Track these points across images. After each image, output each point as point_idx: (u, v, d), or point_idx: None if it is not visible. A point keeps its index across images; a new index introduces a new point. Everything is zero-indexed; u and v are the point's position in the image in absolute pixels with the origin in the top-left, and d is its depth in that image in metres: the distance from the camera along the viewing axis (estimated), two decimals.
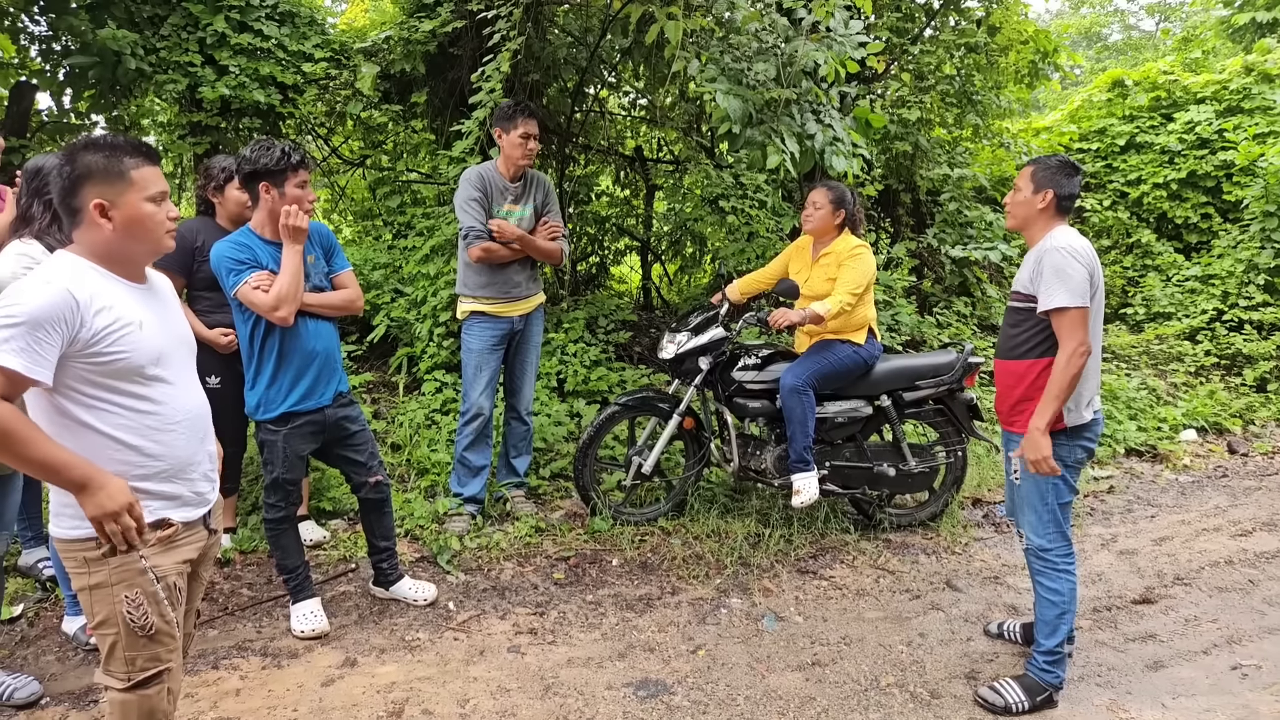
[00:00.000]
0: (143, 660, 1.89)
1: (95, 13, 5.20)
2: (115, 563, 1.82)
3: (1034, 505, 2.84)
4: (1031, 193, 2.80)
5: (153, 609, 1.87)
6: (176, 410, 1.93)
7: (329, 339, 3.09)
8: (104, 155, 1.82)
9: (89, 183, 1.80)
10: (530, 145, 3.91)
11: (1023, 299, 2.80)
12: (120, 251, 1.87)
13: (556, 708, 2.77)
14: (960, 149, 7.70)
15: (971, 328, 7.11)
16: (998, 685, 2.88)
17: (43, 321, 1.68)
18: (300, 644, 3.09)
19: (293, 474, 3.05)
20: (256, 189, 2.89)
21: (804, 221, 4.02)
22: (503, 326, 4.03)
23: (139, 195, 1.84)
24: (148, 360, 1.85)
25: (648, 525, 4.16)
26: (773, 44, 4.30)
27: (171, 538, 1.91)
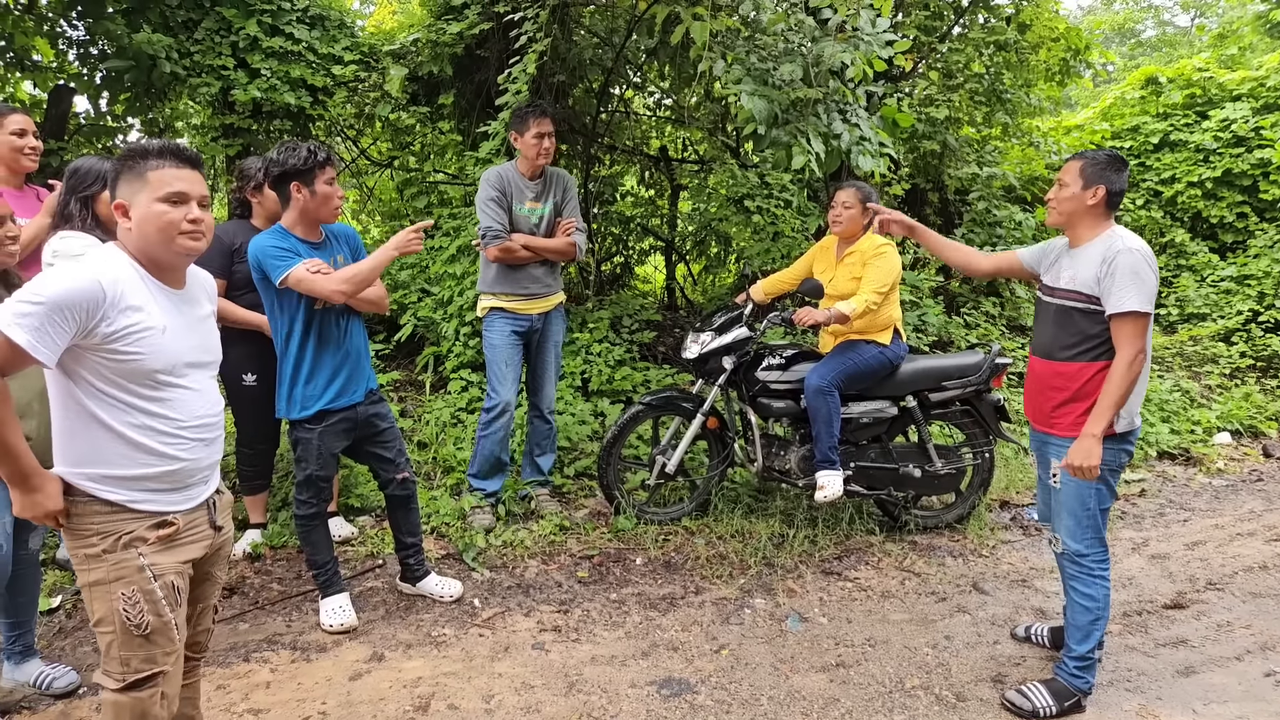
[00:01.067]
0: (138, 661, 1.87)
1: (131, 17, 5.32)
2: (113, 559, 1.83)
3: (1073, 510, 2.78)
4: (1081, 188, 2.69)
5: (149, 608, 1.85)
6: (189, 416, 1.91)
7: (360, 337, 3.15)
8: (136, 158, 1.87)
9: (118, 183, 1.87)
10: (545, 144, 3.94)
11: (1083, 299, 2.68)
12: (147, 251, 1.88)
13: (580, 705, 2.79)
14: (989, 148, 7.62)
15: (1000, 328, 7.03)
16: (1025, 689, 2.85)
17: (64, 305, 1.70)
18: (329, 638, 3.14)
19: (326, 471, 3.10)
20: (287, 190, 2.94)
21: (832, 223, 4.00)
22: (522, 324, 4.06)
23: (150, 195, 1.85)
24: (163, 366, 1.85)
25: (671, 524, 4.17)
26: (799, 44, 4.28)
27: (172, 537, 1.90)
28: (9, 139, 3.03)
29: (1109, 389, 2.60)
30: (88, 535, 1.83)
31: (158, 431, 1.86)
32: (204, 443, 1.96)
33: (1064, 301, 2.76)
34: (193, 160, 1.91)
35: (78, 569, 1.86)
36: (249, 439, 3.67)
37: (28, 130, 3.14)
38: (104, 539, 1.83)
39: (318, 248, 3.02)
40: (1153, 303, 2.57)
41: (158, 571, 1.86)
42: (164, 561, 1.88)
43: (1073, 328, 2.72)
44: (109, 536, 1.83)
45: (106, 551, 1.82)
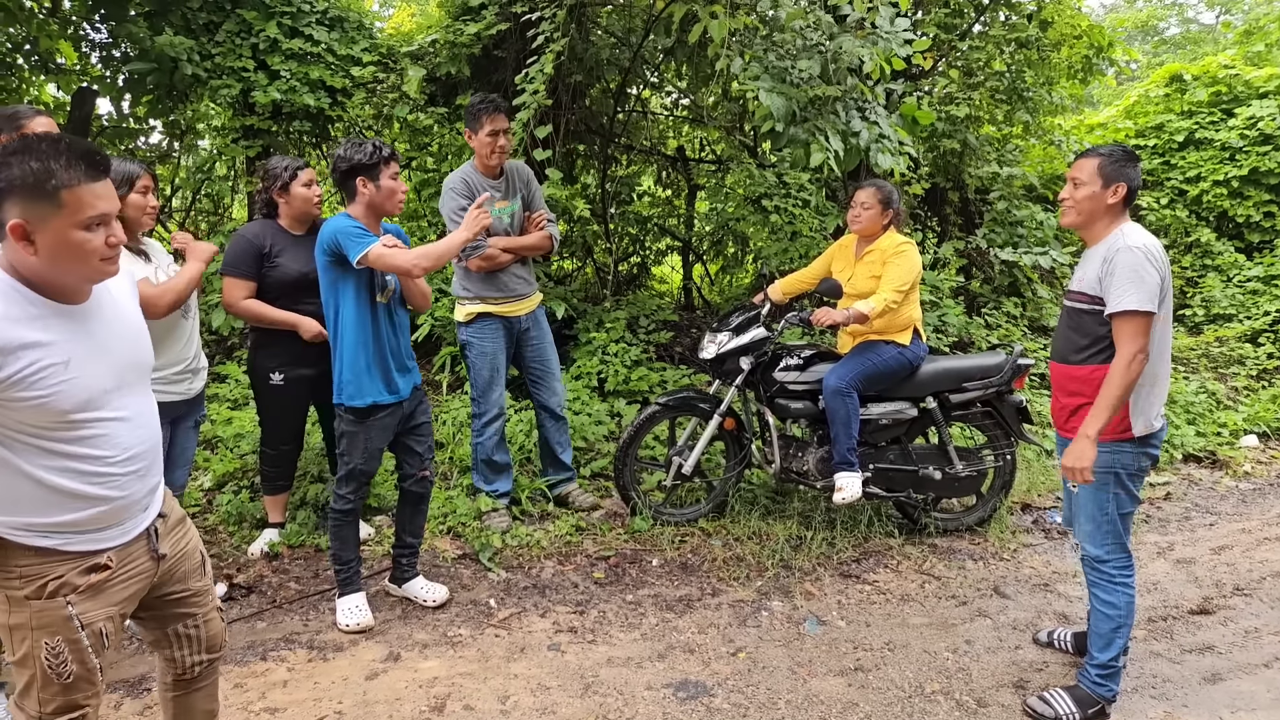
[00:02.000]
0: (56, 705, 1.73)
1: (153, 20, 5.36)
2: (37, 606, 1.66)
3: (1092, 515, 2.73)
4: (1101, 187, 2.61)
5: (74, 657, 1.71)
6: (117, 451, 1.72)
7: (408, 334, 3.21)
8: (35, 167, 1.53)
9: (11, 199, 1.54)
10: (500, 142, 3.83)
11: (1087, 300, 2.64)
12: (49, 278, 1.62)
13: (596, 706, 2.77)
14: (1010, 146, 7.54)
15: (1022, 329, 6.95)
16: (1048, 695, 2.81)
17: None
18: (345, 637, 3.14)
19: (369, 465, 3.12)
20: (353, 184, 2.98)
21: (851, 222, 3.96)
22: (509, 326, 4.03)
23: (68, 220, 1.56)
24: (74, 404, 1.63)
25: (688, 526, 4.15)
26: (817, 41, 4.25)
27: (105, 580, 1.74)
28: None
29: (1105, 389, 2.54)
30: (10, 577, 1.66)
31: (82, 474, 1.67)
32: (138, 474, 1.77)
33: (1074, 303, 2.72)
34: (106, 166, 1.62)
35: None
36: (273, 439, 3.69)
37: (51, 133, 3.16)
38: (28, 583, 1.66)
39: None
40: (1154, 302, 2.51)
41: (86, 620, 1.71)
42: (93, 609, 1.73)
43: (1082, 330, 2.67)
44: (34, 581, 1.66)
45: (30, 597, 1.66)
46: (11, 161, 1.54)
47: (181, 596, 1.97)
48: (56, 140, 1.58)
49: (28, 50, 6.28)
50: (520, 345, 4.12)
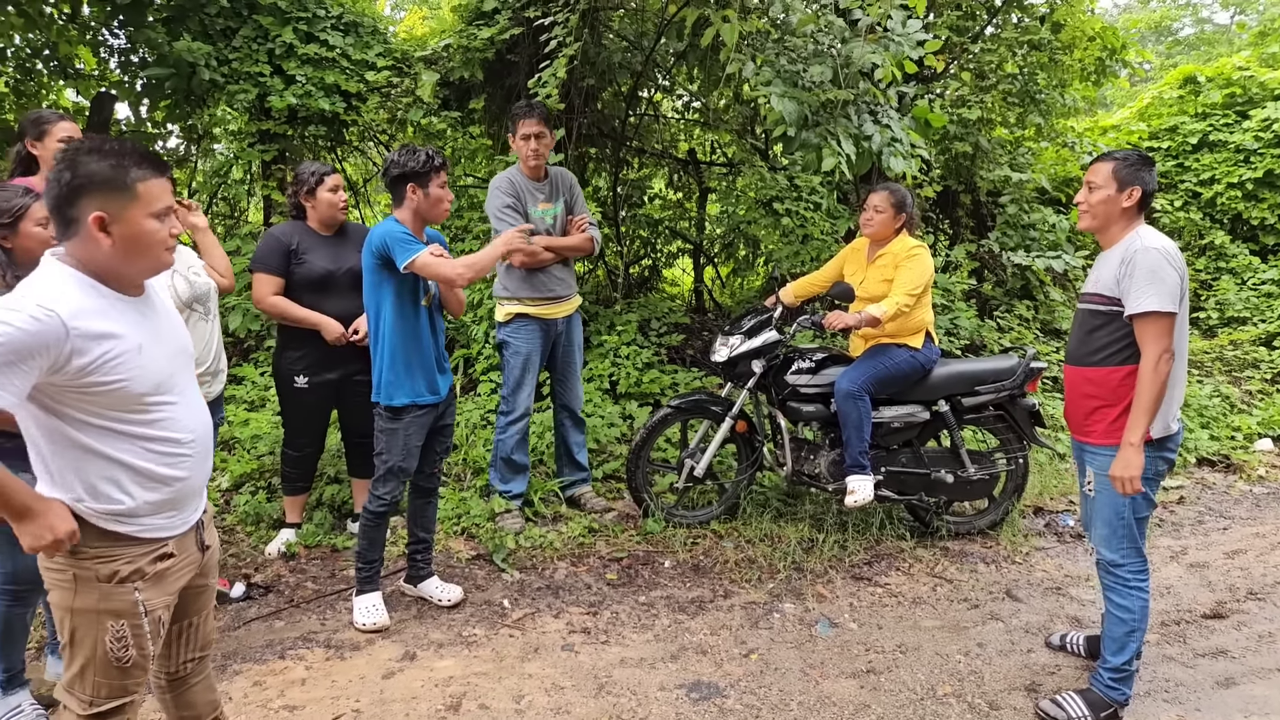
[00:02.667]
0: (109, 689, 1.81)
1: (172, 26, 5.43)
2: (107, 590, 1.74)
3: (1108, 519, 2.73)
4: (1116, 190, 2.63)
5: (134, 642, 1.79)
6: (184, 431, 1.84)
7: (443, 337, 3.26)
8: (110, 163, 1.67)
9: (91, 193, 1.66)
10: (534, 145, 3.93)
11: (1104, 301, 2.65)
12: (114, 270, 1.73)
13: (610, 706, 2.79)
14: (1022, 149, 7.52)
15: (1034, 332, 6.94)
16: (1060, 698, 2.81)
17: (24, 351, 1.56)
18: (362, 636, 3.17)
19: (408, 463, 3.17)
20: (403, 190, 3.04)
21: (863, 226, 3.97)
22: (546, 329, 4.08)
23: (144, 211, 1.70)
24: (148, 388, 1.74)
25: (700, 528, 4.17)
26: (829, 45, 4.27)
27: (169, 569, 1.84)
28: (58, 146, 3.09)
29: (1140, 394, 2.54)
30: (85, 559, 1.74)
31: (158, 454, 1.79)
32: (199, 457, 1.89)
33: (1089, 305, 2.72)
34: (165, 165, 1.76)
35: (58, 586, 1.76)
36: (295, 441, 3.74)
37: (74, 137, 3.21)
38: (102, 565, 1.75)
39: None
40: (1175, 301, 2.52)
41: (149, 607, 1.81)
42: (155, 597, 1.82)
43: (1097, 332, 2.68)
44: (108, 565, 1.75)
45: (101, 580, 1.75)
46: (88, 160, 1.65)
47: (201, 590, 2.04)
48: (123, 141, 1.71)
49: (47, 55, 6.37)
50: (554, 347, 4.16)
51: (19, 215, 2.38)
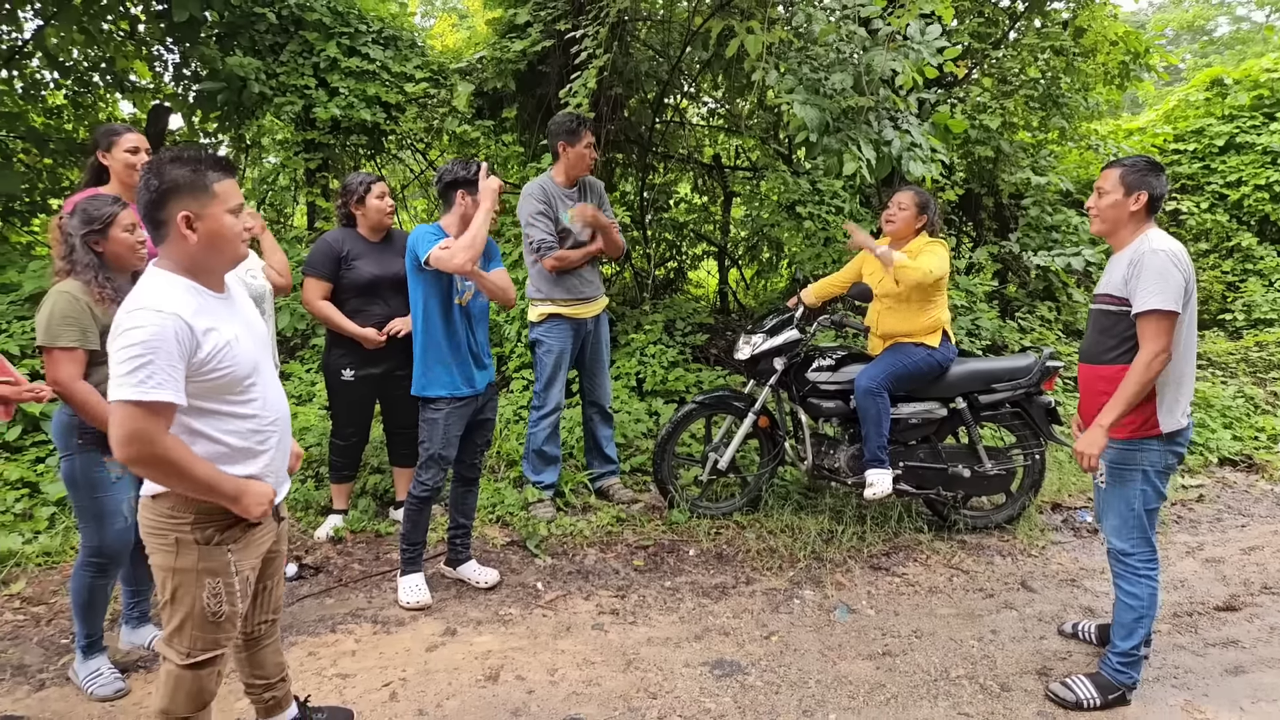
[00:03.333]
0: (204, 642, 2.02)
1: (223, 42, 5.72)
2: (205, 552, 1.96)
3: (1118, 509, 2.86)
4: (1123, 195, 2.76)
5: (227, 598, 2.01)
6: (270, 411, 2.06)
7: (485, 334, 3.47)
8: (189, 169, 1.89)
9: (176, 196, 1.88)
10: (593, 154, 4.20)
11: (1115, 302, 2.78)
12: (203, 263, 1.94)
13: (638, 680, 2.98)
14: (1045, 152, 7.59)
15: (1056, 333, 7.01)
16: (1069, 681, 2.94)
17: (171, 350, 1.80)
18: (406, 614, 3.39)
19: (448, 451, 3.37)
20: (453, 196, 3.29)
21: (886, 223, 4.10)
22: (577, 328, 4.28)
23: (221, 207, 1.92)
24: (247, 371, 1.98)
25: (723, 519, 4.33)
26: (850, 54, 4.42)
27: (255, 534, 2.07)
28: (124, 156, 3.31)
29: (1125, 385, 2.68)
30: (184, 523, 1.96)
31: (254, 432, 2.02)
32: (284, 434, 2.13)
33: (1101, 306, 2.86)
34: (234, 168, 2.00)
35: (160, 550, 1.97)
36: (343, 431, 3.98)
37: (140, 148, 3.43)
38: (200, 530, 1.97)
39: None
40: (1179, 302, 2.64)
41: (239, 567, 2.03)
42: (244, 558, 2.05)
43: (1109, 330, 2.81)
44: (206, 529, 1.97)
45: (200, 543, 1.96)
46: (172, 167, 1.89)
47: (275, 555, 2.28)
48: (198, 148, 1.96)
49: (104, 69, 6.71)
50: (583, 345, 4.36)
51: (109, 222, 2.61)
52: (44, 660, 3.06)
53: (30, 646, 3.15)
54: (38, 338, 2.56)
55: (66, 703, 2.81)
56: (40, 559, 3.71)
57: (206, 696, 2.08)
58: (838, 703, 2.89)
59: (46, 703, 2.81)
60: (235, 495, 1.96)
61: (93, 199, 2.65)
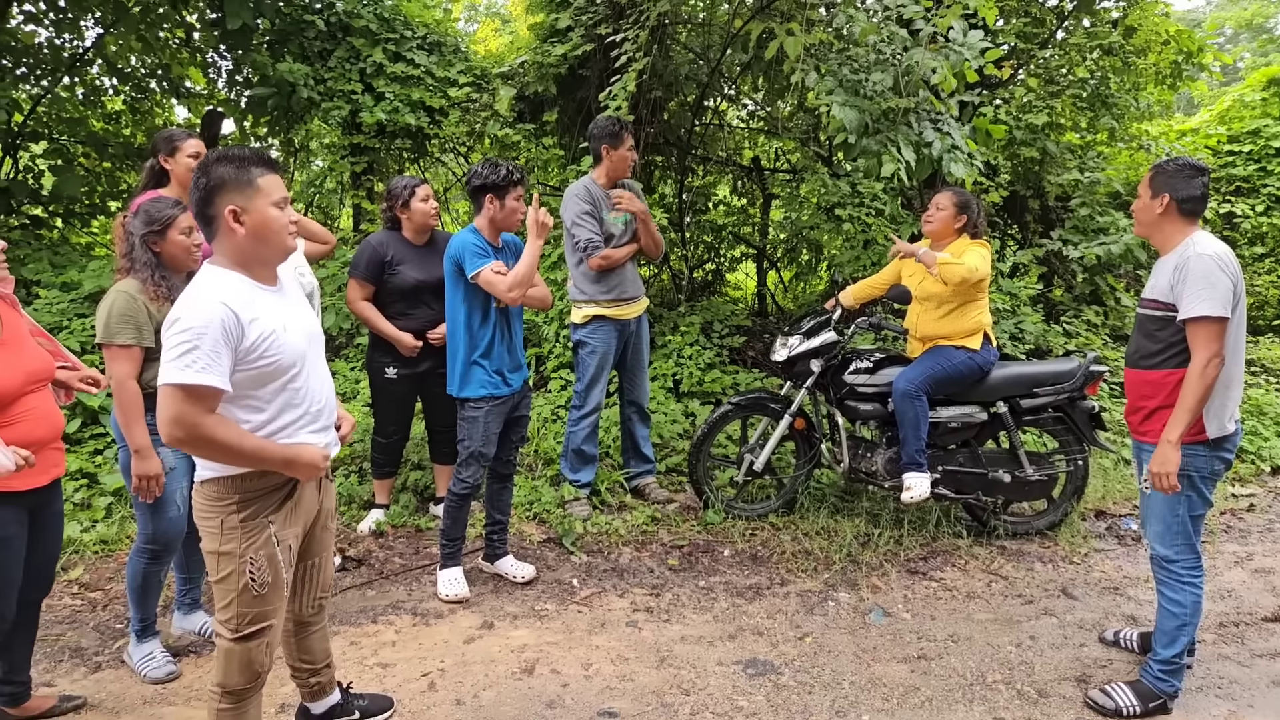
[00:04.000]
0: (252, 615, 2.10)
1: (274, 48, 5.89)
2: (247, 528, 2.05)
3: (1162, 516, 2.81)
4: (1150, 198, 2.77)
5: (270, 569, 2.08)
6: (314, 402, 2.15)
7: (520, 333, 3.55)
8: (234, 166, 1.98)
9: (222, 191, 1.97)
10: (634, 156, 4.24)
11: (1160, 307, 2.74)
12: (254, 255, 2.03)
13: (670, 677, 3.00)
14: (1093, 153, 7.44)
15: (1103, 337, 6.85)
16: (1109, 688, 2.89)
17: (216, 336, 1.88)
18: (444, 606, 3.47)
19: (487, 449, 3.45)
20: (482, 200, 3.35)
21: (924, 223, 4.07)
22: (620, 329, 4.31)
23: (266, 200, 2.00)
24: (292, 362, 2.06)
25: (758, 520, 4.33)
26: (890, 55, 4.39)
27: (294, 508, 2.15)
28: (188, 161, 3.44)
29: (1184, 394, 2.63)
30: (228, 502, 2.04)
31: (293, 422, 2.09)
32: (326, 421, 2.21)
33: (1146, 310, 2.82)
34: (277, 164, 2.09)
35: (209, 533, 2.07)
36: (385, 429, 4.08)
37: (201, 154, 3.56)
38: (244, 508, 2.06)
39: (497, 252, 3.42)
40: (1227, 307, 2.59)
41: (280, 538, 2.10)
42: (285, 529, 2.12)
43: (1154, 335, 2.77)
44: (247, 507, 2.06)
45: (243, 521, 2.05)
46: (218, 165, 1.99)
47: (320, 532, 2.36)
48: (241, 147, 2.05)
49: (160, 76, 6.95)
50: (624, 345, 4.40)
51: (168, 224, 2.72)
52: (100, 644, 3.19)
53: (87, 630, 3.28)
54: (97, 334, 2.68)
55: (121, 684, 2.93)
56: (97, 547, 3.86)
57: (258, 668, 2.17)
58: (871, 704, 2.88)
59: (102, 684, 2.93)
60: (286, 461, 2.06)
61: (155, 201, 2.77)
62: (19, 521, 2.38)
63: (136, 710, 2.79)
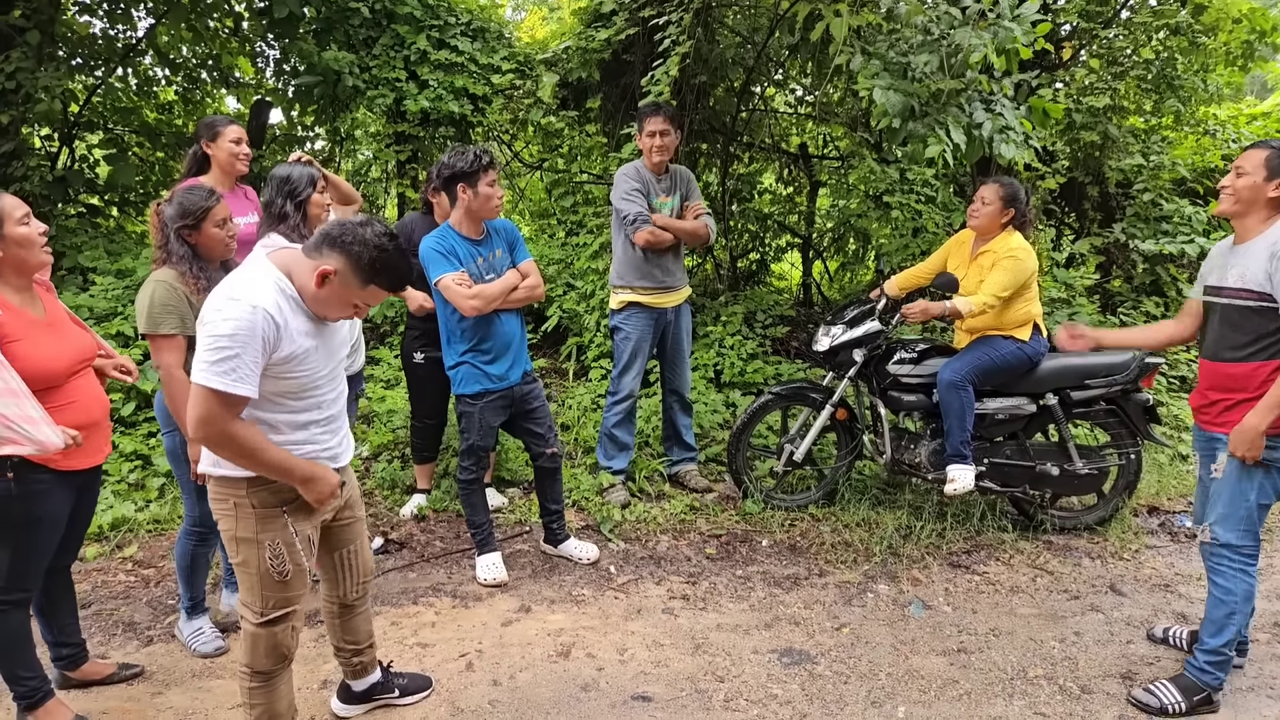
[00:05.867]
0: (275, 600, 2.15)
1: (320, 37, 5.97)
2: (262, 514, 2.09)
3: (1231, 498, 2.71)
4: (1264, 179, 2.60)
5: (290, 557, 2.13)
6: (331, 410, 2.20)
7: (516, 327, 3.52)
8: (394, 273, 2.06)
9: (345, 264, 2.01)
10: (658, 141, 4.12)
11: (1255, 297, 2.61)
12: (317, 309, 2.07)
13: (706, 664, 3.00)
14: (1157, 138, 7.16)
15: None
16: (1152, 686, 2.82)
17: (257, 349, 1.92)
18: (483, 590, 3.51)
19: (485, 441, 3.50)
20: (455, 191, 3.30)
21: (969, 217, 3.98)
22: (656, 317, 4.29)
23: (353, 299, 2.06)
24: (320, 380, 2.12)
25: (797, 511, 4.29)
26: (939, 34, 4.27)
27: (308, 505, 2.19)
28: (229, 146, 3.51)
29: (1276, 388, 2.53)
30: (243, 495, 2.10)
31: (306, 425, 2.13)
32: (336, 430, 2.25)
33: (1233, 300, 2.68)
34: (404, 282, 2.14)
35: (224, 516, 2.12)
36: (419, 414, 4.15)
37: (243, 139, 3.63)
38: (256, 496, 2.10)
39: (479, 243, 3.40)
40: None
41: (297, 528, 2.14)
42: (302, 520, 2.16)
43: (1244, 326, 2.64)
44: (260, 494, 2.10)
45: (255, 508, 2.10)
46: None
47: (350, 521, 2.41)
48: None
49: (210, 66, 7.10)
50: (663, 334, 4.38)
51: (202, 216, 2.69)
52: (152, 619, 3.31)
53: (140, 606, 3.40)
54: (139, 324, 2.67)
55: (171, 658, 3.03)
56: (150, 525, 3.99)
57: (284, 651, 2.22)
58: (908, 696, 2.84)
59: (154, 657, 3.03)
60: (305, 479, 2.10)
61: (190, 191, 2.73)
62: (67, 500, 2.48)
63: (186, 682, 2.88)
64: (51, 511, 2.43)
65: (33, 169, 5.68)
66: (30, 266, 2.40)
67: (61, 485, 2.43)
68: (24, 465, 2.31)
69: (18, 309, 2.35)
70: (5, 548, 2.39)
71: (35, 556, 2.45)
